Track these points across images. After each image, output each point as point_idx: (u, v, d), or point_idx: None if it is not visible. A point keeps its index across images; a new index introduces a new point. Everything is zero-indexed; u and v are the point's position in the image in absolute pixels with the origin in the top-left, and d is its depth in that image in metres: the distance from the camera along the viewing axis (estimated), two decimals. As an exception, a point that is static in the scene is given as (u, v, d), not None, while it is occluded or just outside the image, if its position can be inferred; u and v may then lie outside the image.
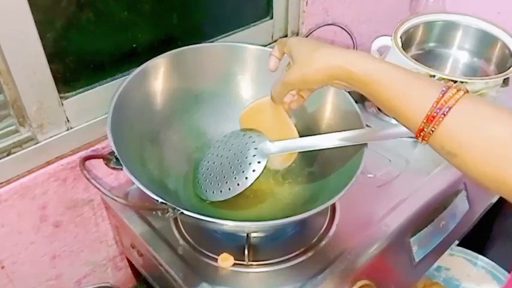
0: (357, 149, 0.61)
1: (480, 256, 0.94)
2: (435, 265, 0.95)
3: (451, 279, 0.93)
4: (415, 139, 0.83)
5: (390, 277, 0.67)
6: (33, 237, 0.66)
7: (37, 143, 0.61)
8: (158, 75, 0.66)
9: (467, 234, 0.89)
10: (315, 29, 0.74)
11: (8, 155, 0.59)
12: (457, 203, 0.76)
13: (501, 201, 0.90)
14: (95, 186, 0.45)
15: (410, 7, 1.19)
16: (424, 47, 0.96)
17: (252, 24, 0.85)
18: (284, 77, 0.53)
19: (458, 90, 0.41)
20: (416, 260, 0.69)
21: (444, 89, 0.41)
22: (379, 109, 0.92)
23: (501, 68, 0.86)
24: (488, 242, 1.04)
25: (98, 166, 0.67)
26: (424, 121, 0.41)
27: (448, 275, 0.94)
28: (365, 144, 0.60)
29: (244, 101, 0.73)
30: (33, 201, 0.63)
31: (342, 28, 0.71)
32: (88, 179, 0.45)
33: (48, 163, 0.63)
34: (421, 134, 0.42)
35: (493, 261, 0.95)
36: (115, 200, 0.46)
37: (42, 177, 0.63)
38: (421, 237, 0.69)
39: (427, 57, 0.95)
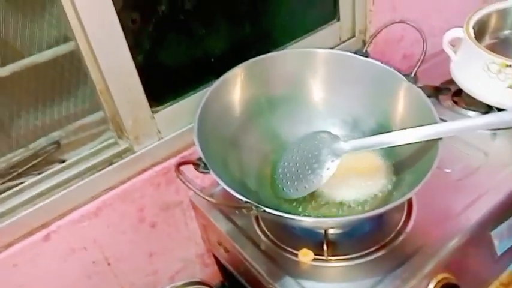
0: (432, 143, 0.62)
1: None
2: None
3: (541, 275, 0.89)
4: (493, 131, 0.82)
5: (471, 271, 0.67)
6: (133, 237, 0.74)
7: (134, 153, 0.69)
8: (235, 84, 0.71)
9: None
10: (382, 29, 0.76)
11: (110, 165, 0.68)
12: (542, 195, 0.73)
13: None
14: (190, 188, 0.51)
15: (482, -3, 1.15)
16: (499, 35, 0.93)
17: (320, 28, 0.88)
18: None
19: None
20: (499, 253, 0.68)
21: None
22: (454, 102, 0.91)
23: None
24: None
25: (187, 171, 0.74)
26: None
27: (537, 270, 0.90)
28: (439, 139, 0.61)
29: (316, 104, 0.77)
30: (132, 204, 0.71)
31: (410, 25, 0.72)
32: (183, 182, 0.51)
33: (144, 170, 0.71)
34: None
35: None
36: (207, 200, 0.52)
37: (139, 183, 0.71)
38: (503, 230, 0.68)
39: (502, 46, 0.92)
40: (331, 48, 0.89)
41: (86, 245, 0.69)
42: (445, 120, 0.63)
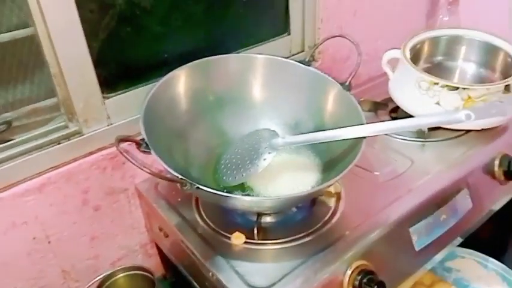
0: (357, 142, 0.68)
1: (491, 259, 0.97)
2: (446, 266, 0.99)
3: (461, 280, 0.96)
4: (422, 142, 0.90)
5: (390, 262, 0.73)
6: (76, 218, 0.77)
7: (82, 135, 0.73)
8: (183, 81, 0.76)
9: (486, 240, 0.93)
10: (322, 42, 0.83)
11: (57, 144, 0.71)
12: (459, 200, 0.81)
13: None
14: (126, 158, 0.55)
15: (426, 25, 1.26)
16: (432, 61, 1.04)
17: (272, 39, 0.96)
18: None
19: None
20: (417, 249, 0.74)
21: None
22: (392, 117, 0.99)
23: (505, 75, 0.92)
24: (509, 248, 1.07)
25: (135, 156, 0.77)
26: None
27: (458, 276, 0.97)
28: (363, 138, 0.67)
29: (260, 105, 0.83)
30: (77, 185, 0.74)
31: (345, 38, 0.80)
32: (121, 153, 0.55)
33: (91, 153, 0.74)
34: None
35: (507, 265, 0.98)
36: (141, 169, 0.56)
37: (85, 165, 0.74)
38: (421, 227, 0.75)
39: (435, 70, 1.02)
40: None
41: (27, 220, 0.71)
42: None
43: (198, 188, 0.58)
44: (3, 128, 0.74)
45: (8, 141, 0.72)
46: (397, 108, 0.98)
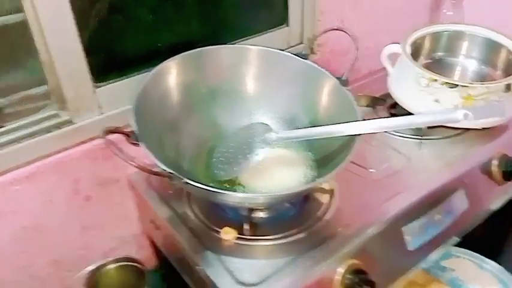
0: (351, 139, 0.67)
1: (486, 259, 0.96)
2: (440, 265, 0.98)
3: (455, 280, 0.96)
4: (419, 140, 0.88)
5: (381, 261, 0.72)
6: (67, 207, 0.76)
7: (73, 124, 0.72)
8: (175, 72, 0.74)
9: (483, 240, 0.92)
10: (321, 35, 0.82)
11: (48, 133, 0.70)
12: (454, 200, 0.80)
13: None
14: (113, 151, 0.54)
15: (430, 19, 1.24)
16: (433, 56, 1.02)
17: (270, 30, 0.94)
18: None
19: None
20: (410, 248, 0.74)
21: None
22: (391, 113, 0.97)
23: (507, 73, 0.90)
24: (505, 249, 1.06)
25: (126, 149, 0.76)
26: None
27: (453, 276, 0.96)
28: (356, 136, 0.66)
29: (255, 98, 0.81)
30: (67, 175, 0.73)
31: (344, 31, 0.78)
32: (108, 145, 0.54)
33: (82, 143, 0.73)
34: None
35: (504, 266, 0.97)
36: (127, 162, 0.54)
37: (76, 155, 0.73)
38: (414, 227, 0.74)
39: (436, 66, 1.00)
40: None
41: (16, 208, 0.70)
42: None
43: (186, 182, 0.57)
44: (-6, 115, 0.73)
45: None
46: (395, 104, 0.96)
